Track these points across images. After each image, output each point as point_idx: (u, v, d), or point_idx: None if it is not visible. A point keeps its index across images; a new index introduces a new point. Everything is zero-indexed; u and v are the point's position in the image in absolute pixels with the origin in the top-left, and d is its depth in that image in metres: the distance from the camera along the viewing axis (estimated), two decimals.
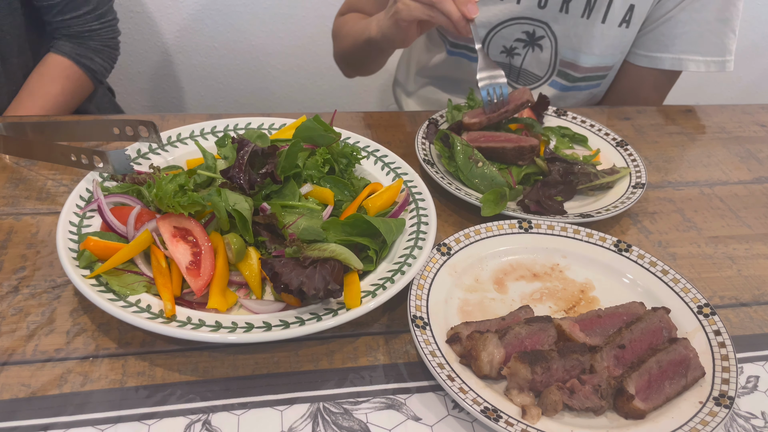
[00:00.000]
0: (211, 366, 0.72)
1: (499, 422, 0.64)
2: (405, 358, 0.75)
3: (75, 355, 0.72)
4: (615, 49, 1.33)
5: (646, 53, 1.35)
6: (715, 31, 1.29)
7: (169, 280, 0.76)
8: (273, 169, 0.84)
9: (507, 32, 1.33)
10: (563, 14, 1.29)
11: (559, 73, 1.37)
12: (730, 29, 1.29)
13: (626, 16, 1.28)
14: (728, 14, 1.28)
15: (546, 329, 0.74)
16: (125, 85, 2.16)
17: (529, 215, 0.94)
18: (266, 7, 2.06)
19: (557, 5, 1.28)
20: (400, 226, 0.84)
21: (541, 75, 1.38)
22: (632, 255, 0.87)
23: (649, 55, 1.34)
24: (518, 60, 1.37)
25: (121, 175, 0.88)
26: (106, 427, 0.65)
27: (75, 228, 0.81)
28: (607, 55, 1.33)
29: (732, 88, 2.60)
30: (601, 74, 1.37)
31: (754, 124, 1.33)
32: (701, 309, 0.80)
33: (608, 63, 1.35)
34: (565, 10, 1.28)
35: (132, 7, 1.99)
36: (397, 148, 1.11)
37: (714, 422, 0.66)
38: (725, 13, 1.28)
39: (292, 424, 0.67)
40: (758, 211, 1.06)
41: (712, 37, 1.29)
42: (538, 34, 1.32)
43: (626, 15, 1.27)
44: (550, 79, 1.38)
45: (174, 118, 1.15)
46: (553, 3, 1.28)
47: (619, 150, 1.12)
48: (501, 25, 1.32)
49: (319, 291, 0.71)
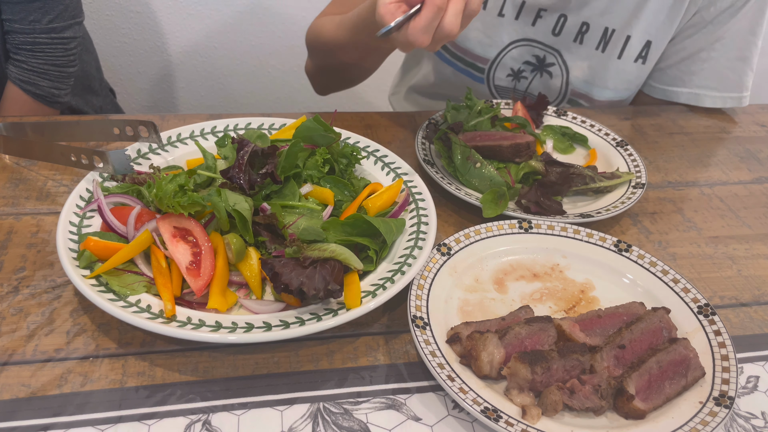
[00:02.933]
0: (211, 366, 0.72)
1: (499, 422, 0.64)
2: (405, 358, 0.75)
3: (75, 355, 0.72)
4: (630, 84, 1.32)
5: (662, 86, 1.34)
6: (734, 69, 1.28)
7: (169, 280, 0.76)
8: (273, 169, 0.84)
9: (517, 53, 1.32)
10: (577, 44, 1.27)
11: (570, 102, 1.36)
12: (749, 67, 1.29)
13: (642, 51, 1.26)
14: (748, 53, 1.27)
15: (546, 329, 0.74)
16: (125, 85, 2.16)
17: (530, 215, 0.94)
18: (266, 7, 2.06)
19: (572, 35, 1.26)
20: (400, 226, 0.84)
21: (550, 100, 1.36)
22: (632, 255, 0.87)
23: (665, 89, 1.34)
24: (524, 84, 1.35)
25: (121, 175, 0.88)
26: (106, 427, 0.65)
27: (75, 228, 0.81)
28: (621, 89, 1.32)
29: None
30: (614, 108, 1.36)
31: (754, 124, 1.33)
32: (701, 309, 0.80)
33: (623, 97, 1.34)
34: (579, 41, 1.27)
35: (132, 7, 2.00)
36: (397, 148, 1.11)
37: (714, 422, 0.66)
38: (745, 51, 1.27)
39: (292, 424, 0.67)
40: (758, 211, 1.06)
41: (730, 74, 1.29)
42: (549, 60, 1.31)
43: (642, 51, 1.26)
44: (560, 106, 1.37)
45: (174, 118, 1.15)
46: (567, 32, 1.26)
47: (619, 150, 1.12)
48: (512, 44, 1.31)
49: (319, 291, 0.71)
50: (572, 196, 1.02)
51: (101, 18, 2.00)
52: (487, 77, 1.37)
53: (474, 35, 1.32)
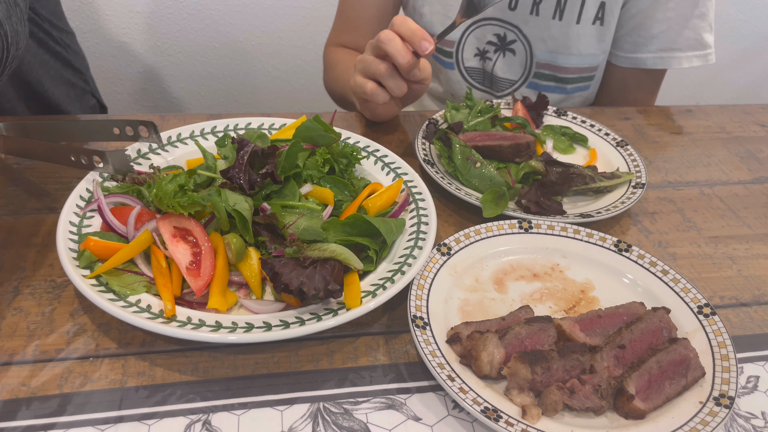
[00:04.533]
0: (211, 366, 0.72)
1: (499, 422, 0.64)
2: (405, 358, 0.75)
3: (75, 355, 0.72)
4: (594, 49, 1.33)
5: (626, 54, 1.36)
6: (693, 27, 1.30)
7: (169, 280, 0.76)
8: (273, 169, 0.84)
9: (479, 33, 1.34)
10: (534, 17, 1.29)
11: (536, 74, 1.37)
12: (707, 23, 1.30)
13: (599, 13, 1.28)
14: (703, 9, 1.29)
15: (546, 329, 0.74)
16: (125, 85, 2.16)
17: (530, 215, 0.94)
18: (266, 7, 2.06)
19: (527, 8, 1.28)
20: (400, 226, 0.84)
21: (515, 79, 1.38)
22: (632, 255, 0.87)
23: (629, 56, 1.36)
24: (489, 65, 1.38)
25: (121, 175, 0.88)
26: (106, 427, 0.65)
27: (75, 228, 0.81)
28: (586, 54, 1.33)
29: (732, 88, 2.60)
30: (585, 75, 1.37)
31: (754, 124, 1.33)
32: (701, 309, 0.80)
33: (591, 63, 1.35)
34: (535, 13, 1.29)
35: (132, 7, 2.00)
36: (397, 148, 1.11)
37: (714, 422, 0.66)
38: (700, 8, 1.29)
39: (292, 424, 0.67)
40: (758, 211, 1.06)
41: (689, 33, 1.30)
42: (509, 38, 1.33)
43: (598, 12, 1.28)
44: (527, 82, 1.38)
45: (174, 118, 1.15)
46: (523, 5, 1.29)
47: (619, 150, 1.12)
48: (473, 25, 1.34)
49: (319, 291, 0.71)
50: (572, 196, 1.02)
51: (101, 18, 2.00)
52: (456, 60, 1.40)
53: (437, 18, 1.34)
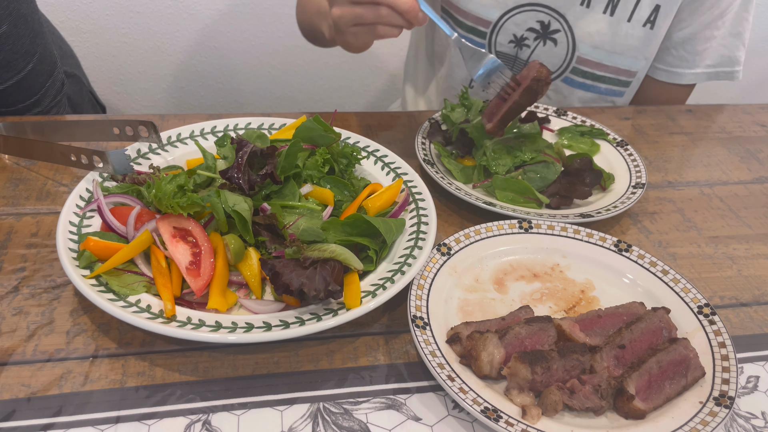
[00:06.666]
0: (211, 366, 0.72)
1: (499, 422, 0.64)
2: (405, 358, 0.75)
3: (75, 355, 0.72)
4: (638, 53, 1.30)
5: (667, 68, 1.35)
6: (729, 45, 1.31)
7: (169, 280, 0.76)
8: (273, 170, 0.84)
9: (520, 18, 1.27)
10: (583, 8, 1.25)
11: (574, 70, 1.33)
12: (741, 42, 1.32)
13: (651, 16, 1.26)
14: (741, 28, 1.30)
15: (546, 329, 0.74)
16: (125, 85, 2.16)
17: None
18: (266, 7, 2.06)
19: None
20: (400, 226, 0.84)
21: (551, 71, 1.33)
22: (632, 255, 0.87)
23: (670, 71, 1.35)
24: (526, 52, 1.32)
25: (121, 175, 0.88)
26: (106, 427, 0.65)
27: (75, 228, 0.81)
28: (629, 57, 1.30)
29: (732, 88, 2.60)
30: (623, 79, 1.34)
31: (754, 124, 1.33)
32: (701, 309, 0.80)
33: (631, 66, 1.32)
34: (586, 5, 1.24)
35: (132, 7, 2.00)
36: (397, 148, 1.11)
37: (714, 422, 0.66)
38: (738, 27, 1.30)
39: (292, 424, 0.67)
40: (758, 211, 1.06)
41: (725, 51, 1.32)
42: (553, 26, 1.27)
43: (651, 15, 1.26)
44: (562, 76, 1.34)
45: (174, 118, 1.15)
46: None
47: (619, 150, 1.12)
48: (516, 9, 1.27)
49: (319, 292, 0.71)
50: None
51: (101, 18, 2.00)
52: (489, 42, 1.33)
53: None
